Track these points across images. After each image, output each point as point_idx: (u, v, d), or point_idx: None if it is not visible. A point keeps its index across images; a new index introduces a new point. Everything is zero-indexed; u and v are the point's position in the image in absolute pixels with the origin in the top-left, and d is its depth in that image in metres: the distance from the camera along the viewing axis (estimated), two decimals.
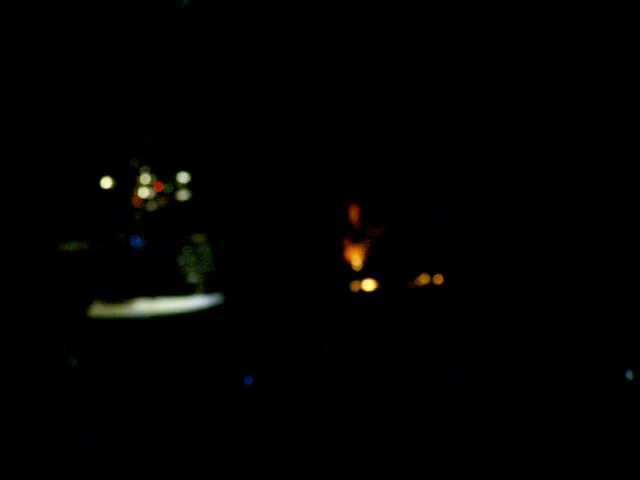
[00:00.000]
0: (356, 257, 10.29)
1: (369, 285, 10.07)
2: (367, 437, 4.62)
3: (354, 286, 10.12)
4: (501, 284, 10.06)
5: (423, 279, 10.14)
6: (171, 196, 12.08)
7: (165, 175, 12.09)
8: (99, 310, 10.20)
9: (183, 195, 12.14)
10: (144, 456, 4.52)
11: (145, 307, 10.50)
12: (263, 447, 4.60)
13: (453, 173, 11.20)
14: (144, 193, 11.84)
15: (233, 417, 5.15)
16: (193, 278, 11.54)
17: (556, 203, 10.61)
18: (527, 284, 10.07)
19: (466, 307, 9.43)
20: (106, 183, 11.66)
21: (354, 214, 10.36)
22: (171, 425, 5.00)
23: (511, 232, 10.76)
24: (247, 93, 11.99)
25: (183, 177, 12.17)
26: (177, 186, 12.14)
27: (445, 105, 11.27)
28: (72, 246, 10.76)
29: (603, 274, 9.82)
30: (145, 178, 11.87)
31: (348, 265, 10.31)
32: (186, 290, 11.37)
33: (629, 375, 5.50)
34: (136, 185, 11.83)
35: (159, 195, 11.98)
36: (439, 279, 10.10)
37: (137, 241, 11.40)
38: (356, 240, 10.29)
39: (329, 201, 11.06)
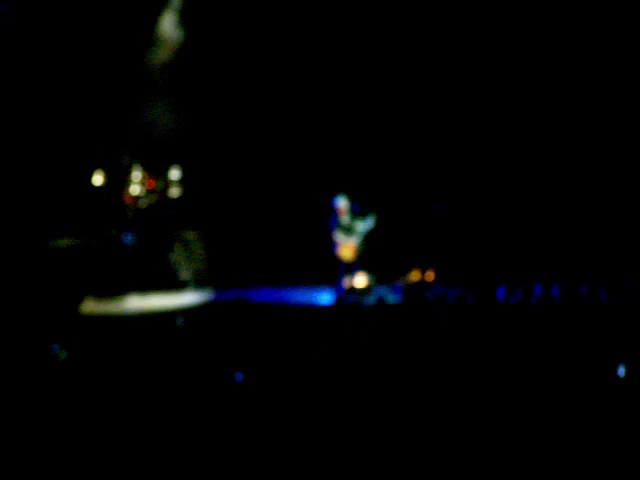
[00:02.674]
0: (347, 252, 10.28)
1: (361, 281, 10.06)
2: (362, 436, 4.62)
3: (346, 282, 10.12)
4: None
5: (415, 275, 10.14)
6: (162, 193, 12.07)
7: (157, 172, 12.08)
8: (91, 306, 10.18)
9: (175, 192, 12.13)
10: (135, 453, 4.51)
11: (136, 303, 10.49)
12: (252, 444, 4.59)
13: (445, 167, 11.22)
14: (135, 190, 11.83)
15: (223, 414, 5.15)
16: (184, 274, 11.54)
17: (547, 197, 10.64)
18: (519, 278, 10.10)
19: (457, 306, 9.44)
20: (97, 180, 11.65)
21: (345, 210, 10.35)
22: (162, 421, 5.00)
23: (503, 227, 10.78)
24: (238, 90, 11.99)
25: (175, 174, 12.17)
26: (169, 183, 12.14)
27: (436, 101, 11.29)
28: (64, 242, 10.74)
29: (595, 269, 9.85)
30: (137, 175, 11.86)
31: (340, 260, 10.30)
32: (177, 286, 11.37)
33: (621, 372, 5.50)
34: (127, 182, 11.82)
35: (150, 192, 11.97)
36: (430, 275, 10.11)
37: (129, 237, 11.39)
38: (347, 236, 10.27)
39: (320, 197, 11.06)
